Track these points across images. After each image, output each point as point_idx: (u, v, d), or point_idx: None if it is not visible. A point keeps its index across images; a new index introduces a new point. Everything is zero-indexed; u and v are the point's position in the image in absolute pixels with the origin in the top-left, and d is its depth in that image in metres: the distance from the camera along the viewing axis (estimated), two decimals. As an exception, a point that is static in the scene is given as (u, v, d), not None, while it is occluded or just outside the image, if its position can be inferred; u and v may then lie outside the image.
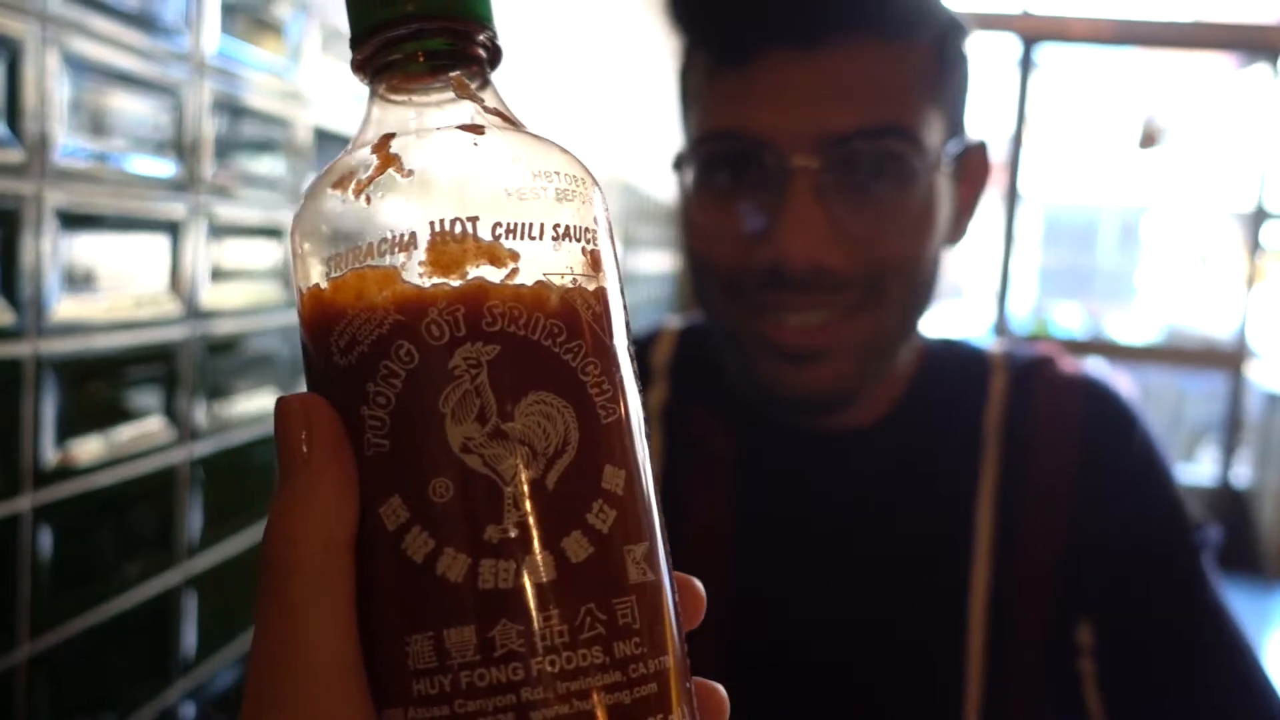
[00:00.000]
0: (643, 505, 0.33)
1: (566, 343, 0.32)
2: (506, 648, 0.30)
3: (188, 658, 0.94)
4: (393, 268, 0.32)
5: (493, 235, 0.32)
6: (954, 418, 0.87)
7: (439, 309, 0.31)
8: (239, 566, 1.02)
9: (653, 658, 0.32)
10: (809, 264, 0.72)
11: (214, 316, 0.95)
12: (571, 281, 0.33)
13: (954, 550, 0.83)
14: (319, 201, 0.34)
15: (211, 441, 0.96)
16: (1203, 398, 4.84)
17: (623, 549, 0.32)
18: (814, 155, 0.71)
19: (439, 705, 0.30)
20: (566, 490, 0.31)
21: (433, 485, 0.31)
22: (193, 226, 0.90)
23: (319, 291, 0.33)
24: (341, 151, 0.35)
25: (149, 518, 0.88)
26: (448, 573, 0.30)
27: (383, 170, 0.33)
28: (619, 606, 0.31)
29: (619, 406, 0.33)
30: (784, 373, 0.77)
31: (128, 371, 0.84)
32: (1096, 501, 0.83)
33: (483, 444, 0.31)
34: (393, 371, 0.31)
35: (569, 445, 0.32)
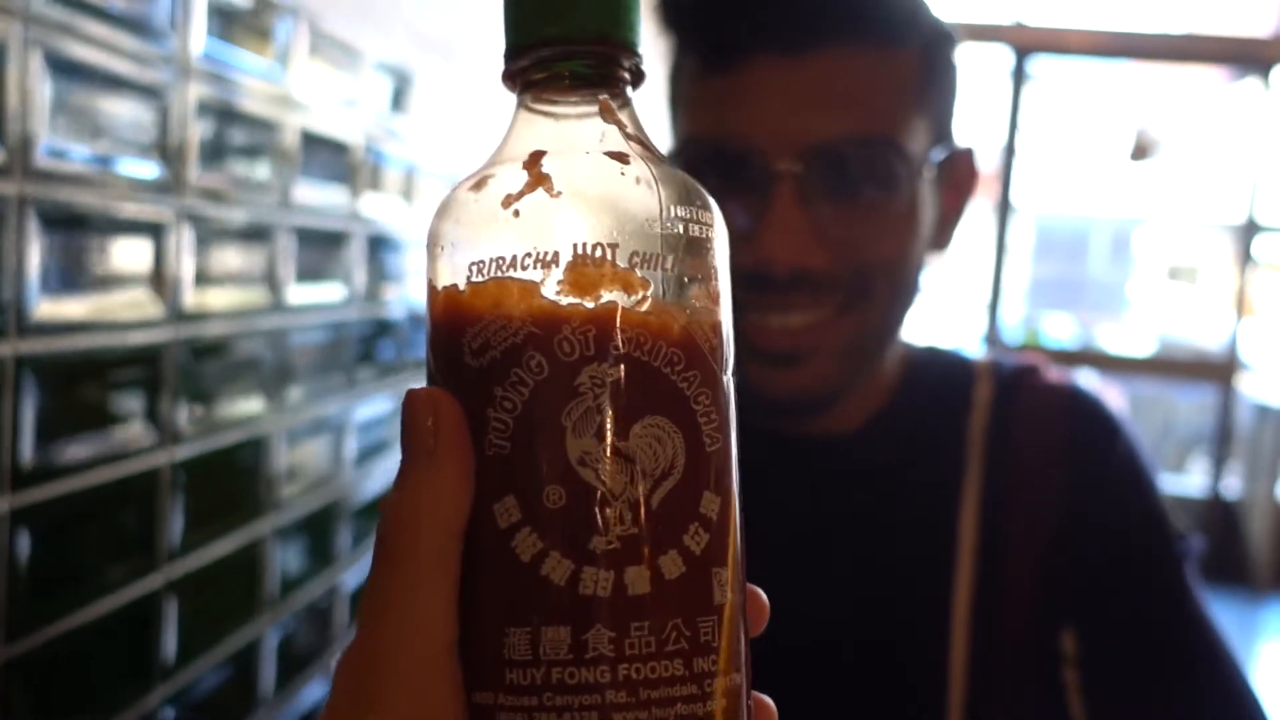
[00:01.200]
0: (731, 531, 0.35)
1: (684, 372, 0.34)
2: (597, 651, 0.32)
3: (168, 663, 0.94)
4: (533, 282, 0.34)
5: (629, 263, 0.34)
6: (938, 425, 0.87)
7: (572, 327, 0.33)
8: (221, 571, 1.01)
9: (726, 675, 0.34)
10: (792, 265, 0.72)
11: (198, 319, 0.94)
12: (693, 313, 0.35)
13: (936, 558, 0.83)
14: (467, 206, 0.35)
15: (194, 445, 0.95)
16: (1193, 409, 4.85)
17: (710, 571, 0.34)
18: (798, 160, 0.71)
19: (529, 695, 0.32)
20: (668, 511, 0.33)
21: (547, 492, 0.33)
22: (177, 229, 0.90)
23: (456, 293, 0.35)
24: (488, 160, 0.37)
25: (130, 521, 0.88)
26: (551, 575, 0.32)
27: (534, 188, 0.34)
28: (702, 624, 0.33)
29: (723, 436, 0.35)
30: (766, 375, 0.77)
31: (110, 373, 0.84)
32: (1080, 511, 0.83)
33: (598, 459, 0.33)
34: (522, 380, 0.33)
35: (675, 469, 0.34)
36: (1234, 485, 4.64)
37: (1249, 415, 4.65)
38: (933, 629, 0.82)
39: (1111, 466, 0.85)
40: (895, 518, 0.85)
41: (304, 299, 1.14)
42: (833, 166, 0.73)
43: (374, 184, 1.29)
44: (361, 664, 0.32)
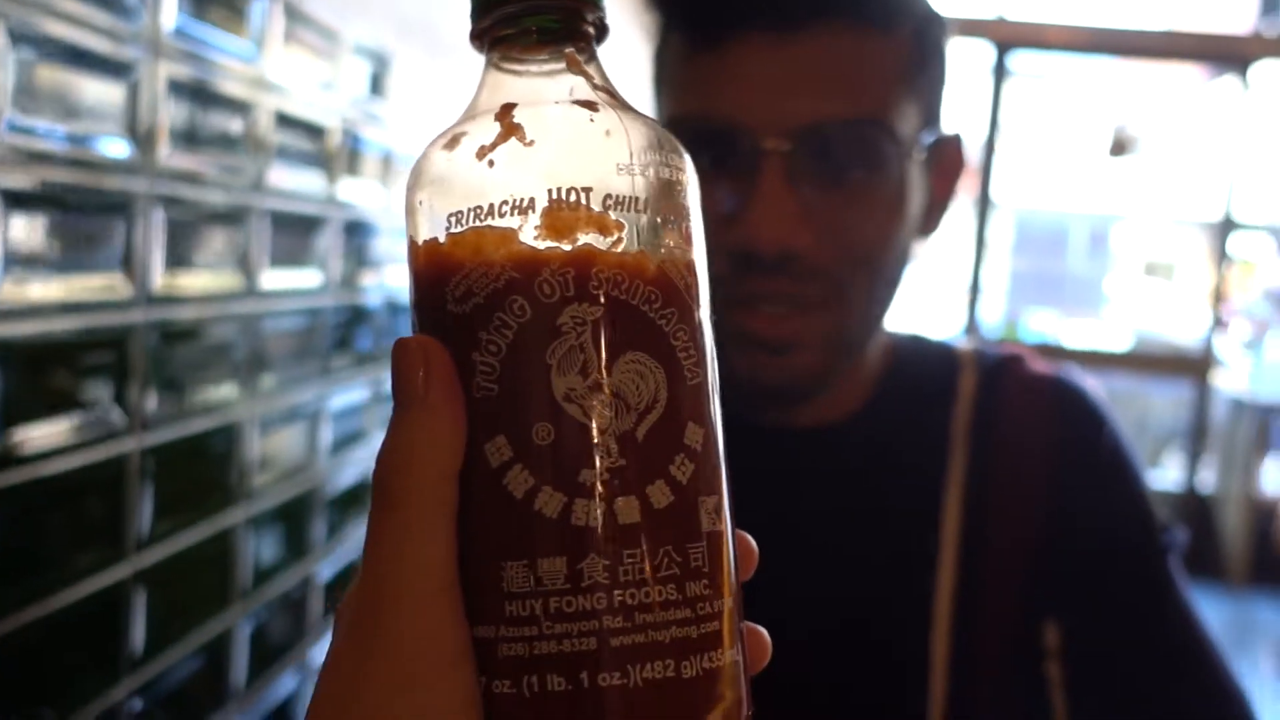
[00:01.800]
0: (716, 462, 0.37)
1: (661, 309, 0.36)
2: (593, 579, 0.33)
3: (136, 655, 0.92)
4: (511, 229, 0.35)
5: (603, 206, 0.35)
6: (923, 415, 0.86)
7: (551, 270, 0.34)
8: (191, 561, 0.99)
9: (717, 599, 0.35)
10: (778, 247, 0.71)
11: (169, 303, 0.92)
12: (668, 253, 0.36)
13: (920, 549, 0.83)
14: (439, 163, 0.37)
15: (164, 432, 0.93)
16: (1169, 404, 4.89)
17: (697, 499, 0.35)
18: (786, 139, 0.70)
19: (529, 625, 0.33)
20: (653, 443, 0.35)
21: (535, 429, 0.34)
22: (148, 210, 0.87)
23: (437, 245, 0.36)
24: (458, 119, 0.38)
25: (98, 509, 0.86)
26: (544, 509, 0.34)
27: (506, 138, 0.35)
28: (692, 551, 0.35)
29: (701, 370, 0.37)
30: (757, 362, 0.76)
31: (78, 357, 0.82)
32: (1065, 501, 0.83)
33: (583, 395, 0.34)
34: (505, 323, 0.34)
35: (658, 402, 0.35)
36: (1209, 480, 4.67)
37: (1224, 410, 4.68)
38: (916, 620, 0.81)
39: (1097, 458, 0.85)
40: (880, 508, 0.84)
41: (278, 284, 1.12)
42: (821, 147, 0.71)
43: (351, 169, 1.27)
44: (363, 607, 0.33)
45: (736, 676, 0.36)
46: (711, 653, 0.35)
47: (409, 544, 0.33)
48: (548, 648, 0.33)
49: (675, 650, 0.34)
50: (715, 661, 0.35)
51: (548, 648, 0.33)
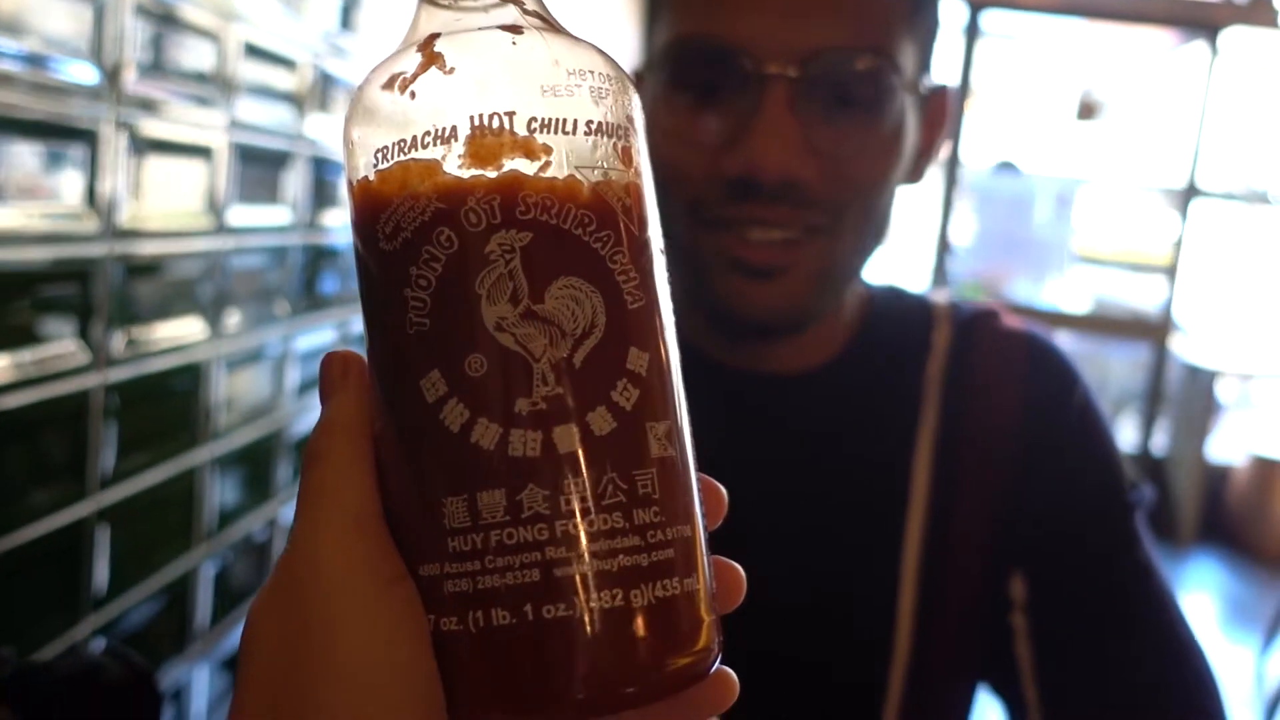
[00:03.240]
0: (666, 388, 0.36)
1: (596, 232, 0.34)
2: (533, 510, 0.33)
3: (98, 594, 0.90)
4: (434, 160, 0.34)
5: (528, 129, 0.34)
6: (896, 366, 0.86)
7: (477, 198, 0.33)
8: (155, 501, 0.98)
9: (670, 526, 0.34)
10: (781, 174, 0.70)
11: (134, 237, 0.90)
12: (603, 174, 0.35)
13: (891, 500, 0.83)
14: (367, 98, 0.36)
15: (128, 368, 0.91)
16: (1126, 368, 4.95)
17: (645, 425, 0.34)
18: (793, 65, 0.69)
19: (471, 560, 0.33)
20: (592, 369, 0.34)
21: (468, 361, 0.33)
22: (113, 139, 0.85)
23: (367, 183, 0.35)
24: (391, 52, 0.37)
25: (59, 445, 0.84)
26: (481, 440, 0.33)
27: (426, 67, 0.35)
28: (640, 478, 0.34)
29: (646, 294, 0.35)
30: (743, 289, 0.75)
31: (41, 288, 0.79)
32: (1035, 456, 0.83)
33: (515, 323, 0.33)
34: (434, 256, 0.34)
35: (596, 327, 0.34)
36: (1162, 443, 4.75)
37: (1179, 375, 4.75)
38: (884, 569, 0.82)
39: (1069, 414, 0.85)
40: (851, 456, 0.84)
41: (245, 221, 1.10)
42: (827, 75, 0.71)
43: (321, 104, 1.24)
44: (292, 548, 0.34)
45: (696, 607, 0.35)
46: (665, 580, 0.34)
47: (329, 486, 0.34)
48: (491, 582, 0.33)
49: (624, 579, 0.33)
50: (669, 590, 0.34)
51: (491, 582, 0.33)
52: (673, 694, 0.35)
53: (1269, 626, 3.26)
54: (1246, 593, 4.01)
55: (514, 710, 0.34)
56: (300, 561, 0.34)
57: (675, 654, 0.34)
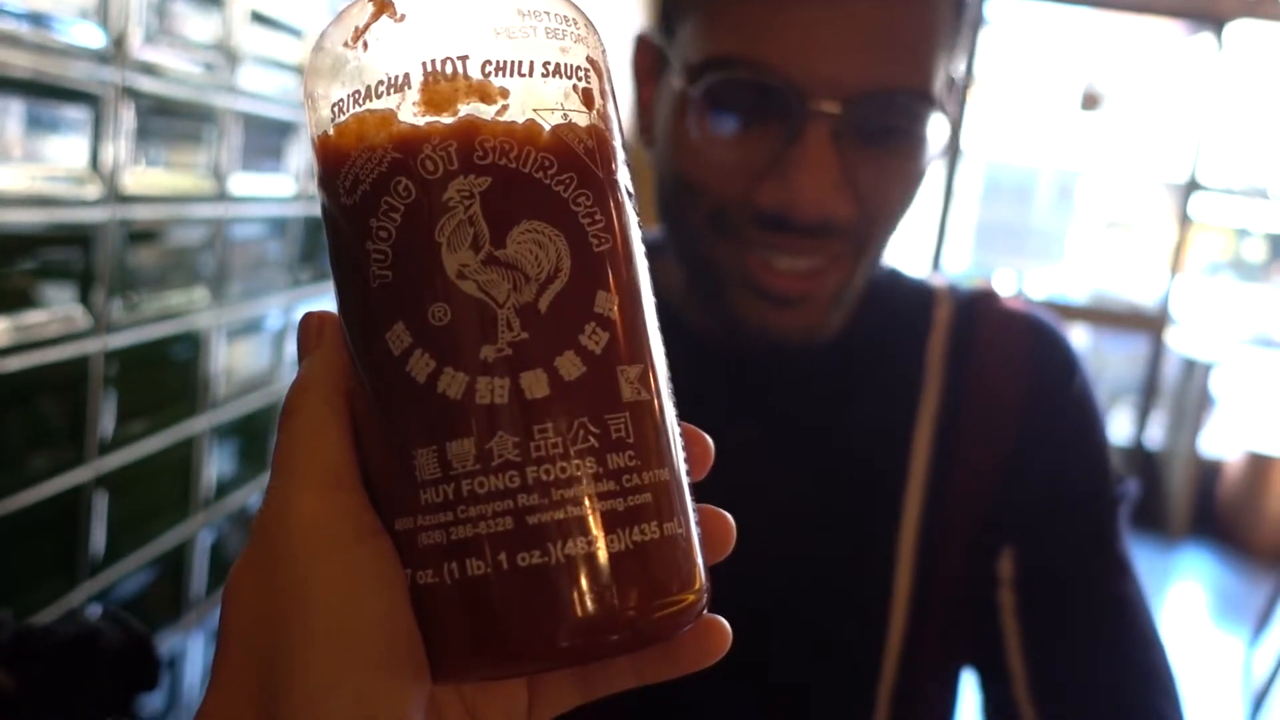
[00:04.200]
0: (637, 331, 0.35)
1: (557, 175, 0.34)
2: (503, 458, 0.32)
3: (95, 559, 0.90)
4: (389, 109, 0.33)
5: (483, 73, 0.33)
6: (898, 344, 0.86)
7: (433, 145, 0.33)
8: (153, 468, 0.97)
9: (646, 470, 0.34)
10: (819, 213, 0.70)
11: (137, 202, 0.89)
12: (563, 117, 0.34)
13: (890, 473, 0.83)
14: (323, 52, 0.35)
15: (129, 334, 0.91)
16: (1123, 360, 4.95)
17: (616, 369, 0.34)
18: (837, 102, 0.68)
19: (444, 512, 0.32)
20: (558, 313, 0.33)
21: (431, 310, 0.33)
22: (117, 102, 0.84)
23: (326, 138, 0.35)
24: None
25: (58, 410, 0.84)
26: (448, 390, 0.33)
27: (377, 16, 0.34)
28: (612, 422, 0.33)
29: (612, 236, 0.35)
30: (764, 313, 0.76)
31: (42, 252, 0.79)
32: (1033, 437, 0.84)
33: (477, 270, 0.33)
34: (392, 206, 0.33)
35: (561, 271, 0.33)
36: (1157, 435, 4.76)
37: (1175, 369, 4.76)
38: (882, 543, 0.82)
39: (1067, 402, 0.86)
40: (851, 434, 0.84)
41: (248, 190, 1.09)
42: (871, 114, 0.70)
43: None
44: (268, 504, 0.34)
45: (678, 551, 0.34)
46: (643, 525, 0.33)
47: (304, 443, 0.35)
48: (464, 532, 0.32)
49: (599, 524, 0.33)
50: (647, 535, 0.33)
51: (464, 532, 0.32)
52: (658, 641, 0.35)
53: (1258, 619, 3.28)
54: (1236, 585, 4.03)
55: (495, 661, 0.33)
56: (276, 520, 0.34)
57: (659, 599, 0.34)
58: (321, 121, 0.35)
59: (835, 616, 0.83)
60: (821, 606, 0.83)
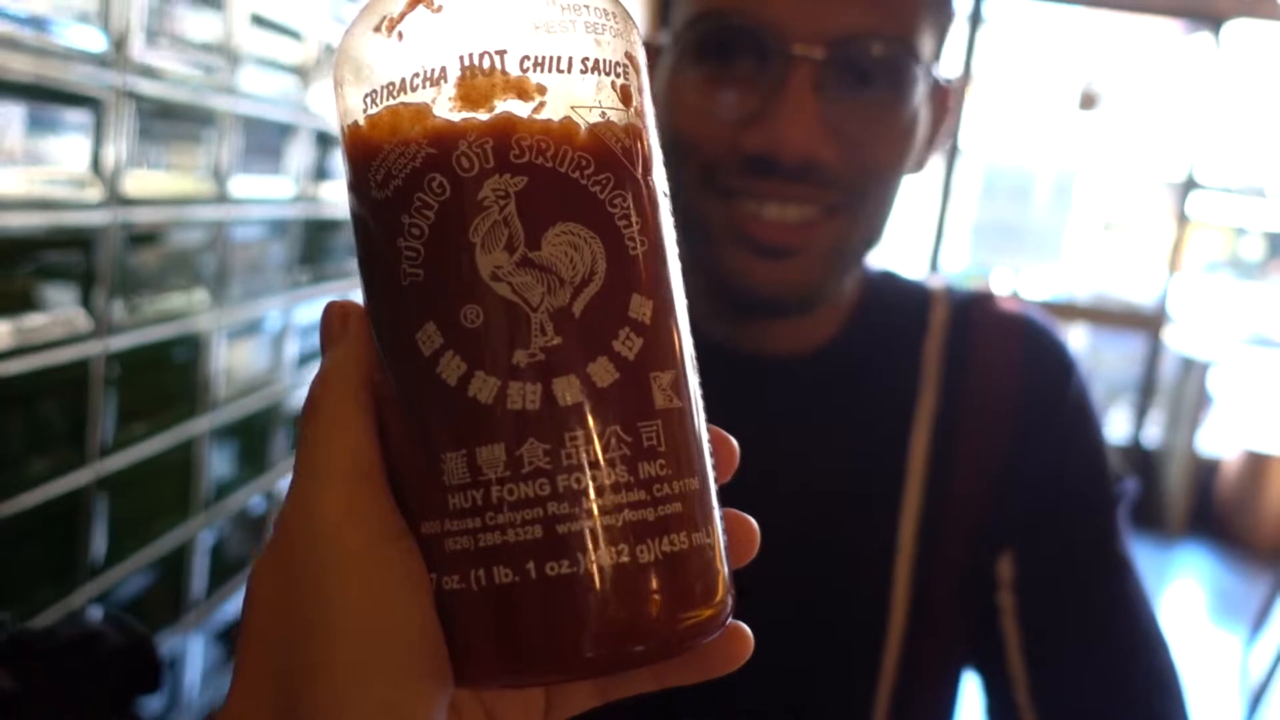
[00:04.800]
0: (671, 336, 0.35)
1: (594, 175, 0.33)
2: (534, 465, 0.32)
3: (96, 562, 0.90)
4: (424, 103, 0.32)
5: (520, 69, 0.33)
6: (894, 347, 0.87)
7: (468, 142, 0.32)
8: (153, 470, 0.98)
9: (677, 479, 0.33)
10: (802, 155, 0.71)
11: (138, 204, 0.89)
12: (601, 115, 0.34)
13: (887, 479, 0.84)
14: (355, 40, 0.34)
15: (130, 336, 0.91)
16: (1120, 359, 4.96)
17: (649, 376, 0.33)
18: (819, 47, 0.69)
19: (472, 517, 0.32)
20: (593, 318, 0.32)
21: (464, 312, 0.32)
22: (118, 105, 0.84)
23: (357, 128, 0.34)
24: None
25: (59, 413, 0.84)
26: (479, 394, 0.32)
27: (413, 6, 0.33)
28: (644, 429, 0.33)
29: (648, 239, 0.34)
30: (752, 266, 0.76)
31: (42, 255, 0.79)
32: (1030, 439, 0.84)
33: (511, 272, 0.32)
34: (426, 203, 0.32)
35: (596, 274, 0.33)
36: (1154, 434, 4.76)
37: (1173, 367, 4.76)
38: (881, 547, 0.82)
39: (1064, 402, 0.86)
40: (849, 437, 0.85)
41: (248, 192, 1.09)
42: (853, 59, 0.71)
43: (326, 76, 1.24)
44: (293, 500, 0.34)
45: (706, 561, 0.34)
46: (673, 535, 0.33)
47: (328, 439, 0.34)
48: (492, 539, 0.32)
49: (629, 534, 0.32)
50: (677, 545, 0.33)
51: (492, 539, 0.32)
52: (684, 651, 0.34)
53: (1255, 618, 3.28)
54: (1234, 584, 4.03)
55: (520, 670, 0.33)
56: (299, 518, 0.34)
57: (686, 610, 0.33)
58: (351, 111, 0.34)
59: (834, 619, 0.83)
60: (820, 610, 0.83)
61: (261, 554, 0.35)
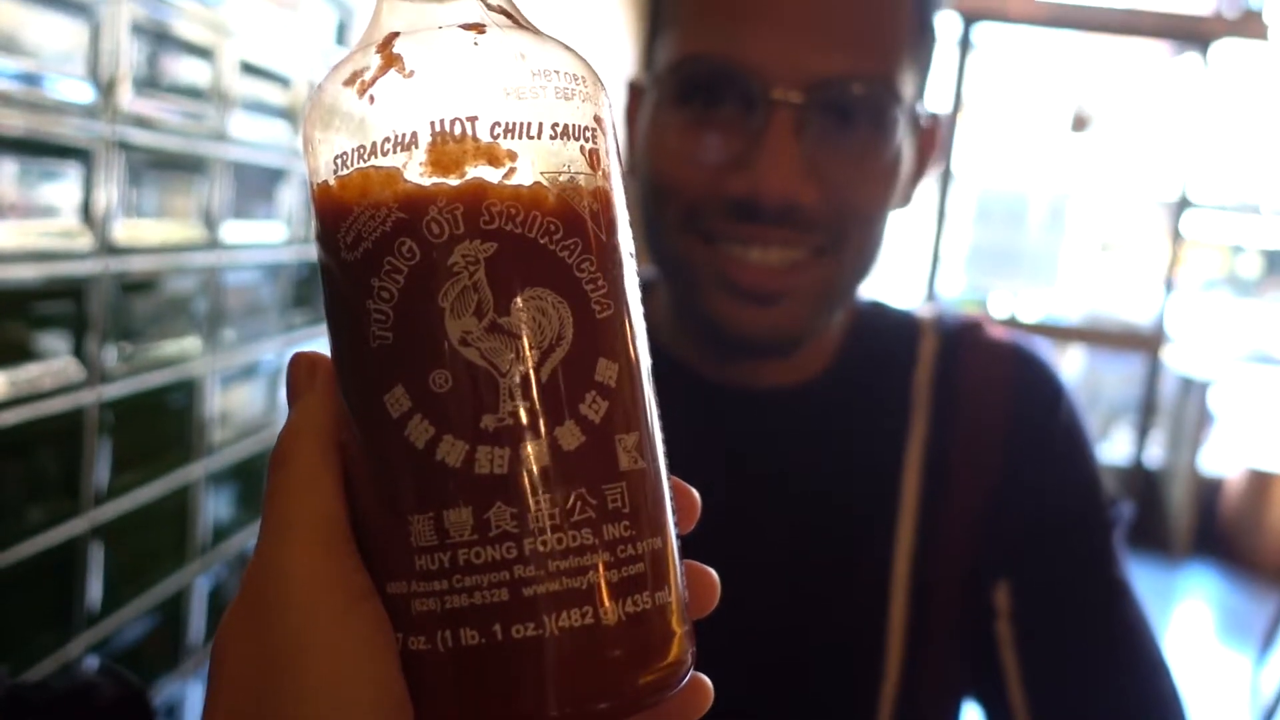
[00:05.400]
0: (635, 397, 0.35)
1: (563, 240, 0.33)
2: (501, 528, 0.32)
3: (92, 611, 0.90)
4: (395, 167, 0.33)
5: (491, 135, 0.33)
6: (884, 378, 0.87)
7: (439, 207, 0.32)
8: (149, 517, 0.97)
9: (642, 540, 0.34)
10: (784, 198, 0.71)
11: (129, 253, 0.90)
12: (569, 180, 0.34)
13: (880, 512, 0.83)
14: (327, 100, 0.35)
15: (123, 385, 0.91)
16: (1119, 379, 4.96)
17: (614, 438, 0.34)
18: (798, 91, 0.70)
19: (439, 580, 0.32)
20: (560, 382, 0.33)
21: (433, 376, 0.32)
22: (108, 156, 0.85)
23: (328, 188, 0.34)
24: (351, 48, 0.35)
25: (54, 461, 0.84)
26: (446, 458, 0.32)
27: (385, 70, 0.33)
28: (609, 492, 0.33)
29: (614, 302, 0.34)
30: (738, 311, 0.76)
31: (35, 306, 0.79)
32: (1021, 467, 0.84)
33: (480, 337, 0.32)
34: (395, 267, 0.32)
35: (563, 339, 0.33)
36: (1156, 454, 4.75)
37: (1173, 387, 4.76)
38: (875, 580, 0.82)
39: (1054, 428, 0.86)
40: (841, 471, 0.85)
41: (240, 237, 1.10)
42: (833, 102, 0.72)
43: (315, 121, 1.25)
44: (260, 556, 0.34)
45: (667, 618, 0.34)
46: (636, 596, 0.33)
47: (295, 494, 0.34)
48: (459, 601, 0.32)
49: (594, 596, 0.32)
50: (641, 605, 0.33)
51: (459, 601, 0.32)
52: (648, 707, 0.34)
53: (1264, 637, 3.26)
54: (1242, 604, 4.01)
55: None
56: (266, 577, 0.34)
57: (649, 667, 0.34)
58: (321, 170, 0.34)
59: (831, 653, 0.83)
60: (817, 643, 0.82)
61: (228, 612, 0.35)
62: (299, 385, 0.37)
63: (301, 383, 0.37)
